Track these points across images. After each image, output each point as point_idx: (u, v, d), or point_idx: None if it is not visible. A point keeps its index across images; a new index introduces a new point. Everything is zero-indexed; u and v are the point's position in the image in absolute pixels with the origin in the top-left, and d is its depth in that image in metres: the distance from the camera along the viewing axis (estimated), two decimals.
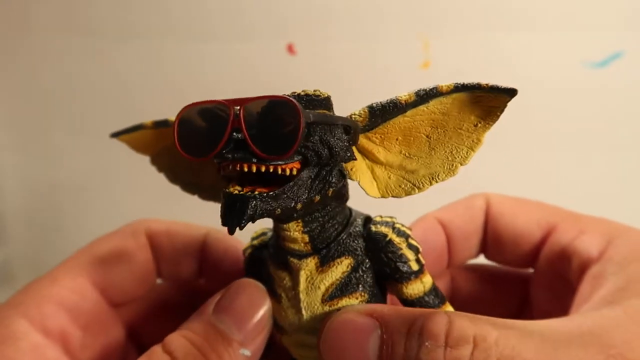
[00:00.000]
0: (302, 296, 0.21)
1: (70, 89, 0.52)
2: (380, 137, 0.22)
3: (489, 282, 0.30)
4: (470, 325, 0.18)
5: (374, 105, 0.22)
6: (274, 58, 0.49)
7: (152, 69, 0.51)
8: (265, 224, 0.23)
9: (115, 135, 0.25)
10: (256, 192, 0.18)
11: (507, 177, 0.51)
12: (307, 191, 0.19)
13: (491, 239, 0.28)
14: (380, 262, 0.22)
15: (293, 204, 0.19)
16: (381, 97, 0.54)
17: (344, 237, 0.22)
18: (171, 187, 0.57)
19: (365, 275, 0.22)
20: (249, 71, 0.50)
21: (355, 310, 0.21)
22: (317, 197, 0.20)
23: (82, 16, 0.50)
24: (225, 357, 0.20)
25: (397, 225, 0.22)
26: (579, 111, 0.49)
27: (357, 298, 0.21)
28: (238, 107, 0.18)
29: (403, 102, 0.22)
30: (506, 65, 0.49)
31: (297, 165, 0.19)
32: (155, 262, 0.27)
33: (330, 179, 0.20)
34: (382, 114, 0.22)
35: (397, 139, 0.22)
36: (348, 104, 0.53)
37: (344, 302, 0.21)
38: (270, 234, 0.24)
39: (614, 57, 0.48)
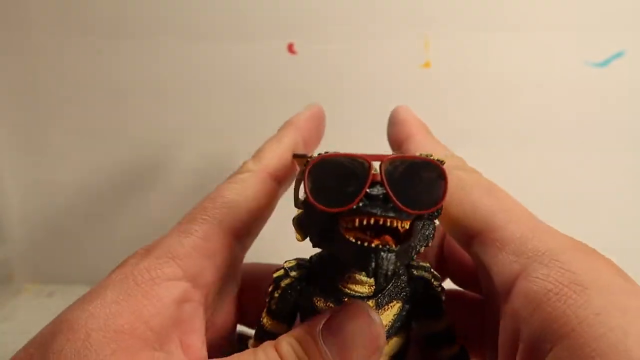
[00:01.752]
0: None
1: (70, 89, 0.52)
2: None
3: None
4: None
5: None
6: (274, 58, 0.49)
7: (152, 68, 0.51)
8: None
9: (296, 156, 0.28)
10: (393, 246, 0.19)
11: (507, 177, 0.51)
12: (419, 244, 0.21)
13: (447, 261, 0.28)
14: (423, 304, 0.24)
15: (410, 259, 0.21)
16: (381, 96, 0.54)
17: (395, 282, 0.23)
18: (170, 186, 0.58)
19: (408, 317, 0.24)
20: (249, 71, 0.50)
21: None
22: (422, 249, 0.22)
23: (83, 15, 0.50)
24: None
25: (432, 270, 0.24)
26: (580, 111, 0.49)
27: (401, 337, 0.24)
28: (378, 163, 0.19)
29: None
30: (507, 64, 0.48)
31: (409, 221, 0.20)
32: (278, 197, 0.27)
33: (431, 231, 0.22)
34: None
35: None
36: (348, 104, 0.53)
37: (393, 341, 0.23)
38: (300, 265, 0.24)
39: (616, 56, 0.47)
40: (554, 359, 0.18)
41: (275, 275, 0.24)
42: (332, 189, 0.19)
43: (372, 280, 0.22)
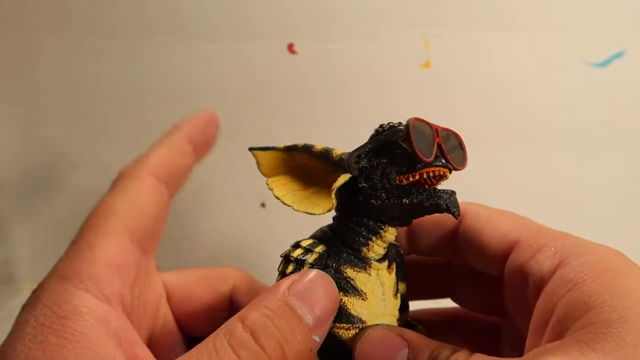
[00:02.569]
0: (386, 291, 0.26)
1: (70, 89, 0.52)
2: None
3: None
4: None
5: None
6: (274, 57, 0.49)
7: (153, 68, 0.51)
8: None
9: (252, 149, 0.27)
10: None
11: (507, 176, 0.51)
12: None
13: (464, 250, 0.29)
14: (401, 266, 0.27)
15: None
16: (381, 96, 0.54)
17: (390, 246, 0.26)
18: None
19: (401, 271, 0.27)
20: (249, 70, 0.50)
21: (387, 328, 0.24)
22: None
23: (83, 15, 0.50)
24: (301, 340, 0.21)
25: None
26: (579, 111, 0.49)
27: (403, 289, 0.28)
28: (437, 130, 0.24)
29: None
30: (507, 64, 0.48)
31: None
32: (166, 195, 0.28)
33: None
34: None
35: None
36: (348, 104, 0.53)
37: (398, 296, 0.27)
38: (317, 242, 0.26)
39: (616, 57, 0.47)
40: (584, 322, 0.20)
41: (295, 255, 0.25)
42: (426, 146, 0.24)
43: (385, 244, 0.25)
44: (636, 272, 0.22)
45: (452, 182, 0.27)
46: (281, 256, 0.26)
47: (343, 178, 0.24)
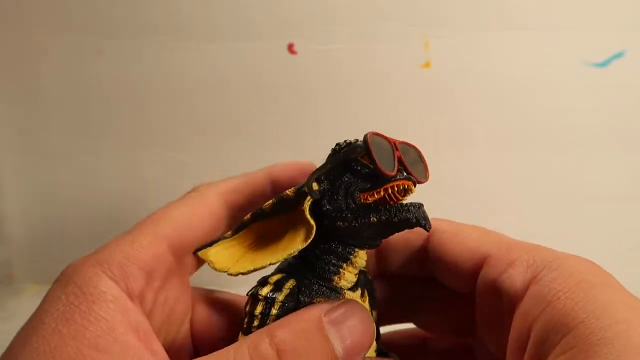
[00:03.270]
0: None
1: (71, 89, 0.52)
2: None
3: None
4: None
5: None
6: (274, 58, 0.49)
7: (153, 69, 0.51)
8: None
9: (197, 251, 0.27)
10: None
11: (506, 176, 0.51)
12: None
13: (434, 267, 0.28)
14: (371, 293, 0.27)
15: None
16: (381, 97, 0.54)
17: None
18: (170, 186, 0.57)
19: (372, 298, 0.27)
20: (249, 71, 0.50)
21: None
22: None
23: (83, 15, 0.50)
24: None
25: None
26: (579, 111, 0.49)
27: (375, 315, 0.26)
28: (395, 144, 0.23)
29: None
30: (508, 65, 0.48)
31: None
32: (228, 224, 0.28)
33: None
34: None
35: None
36: (348, 104, 0.53)
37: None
38: (287, 276, 0.24)
39: (616, 57, 0.48)
40: (563, 347, 0.19)
41: (263, 293, 0.23)
42: (386, 161, 0.22)
43: (356, 270, 0.24)
44: (610, 281, 0.21)
45: (451, 182, 0.26)
46: (247, 294, 0.24)
47: (307, 201, 0.23)
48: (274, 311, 0.23)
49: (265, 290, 0.23)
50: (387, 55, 0.49)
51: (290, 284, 0.23)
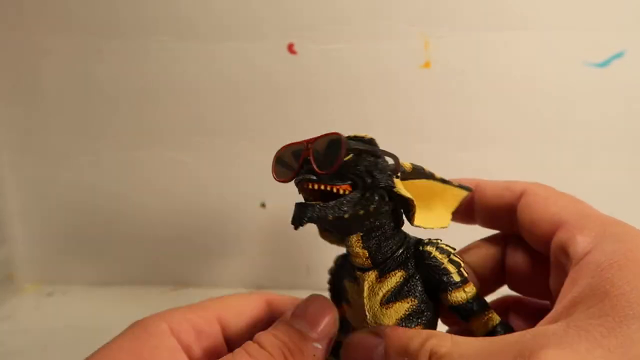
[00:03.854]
0: (365, 301, 0.27)
1: (70, 89, 0.52)
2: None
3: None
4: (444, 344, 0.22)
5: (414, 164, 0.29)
6: (274, 58, 0.49)
7: (153, 69, 0.51)
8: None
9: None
10: (315, 203, 0.25)
11: (506, 176, 0.51)
12: (352, 206, 0.25)
13: (519, 226, 0.30)
14: (427, 275, 0.27)
15: (341, 214, 0.25)
16: (382, 96, 0.54)
17: (397, 255, 0.27)
18: (170, 186, 0.58)
19: (415, 285, 0.27)
20: (248, 71, 0.50)
21: (367, 330, 0.27)
22: (361, 212, 0.25)
23: (83, 15, 0.50)
24: (304, 349, 0.26)
25: (441, 245, 0.28)
26: (579, 111, 0.49)
27: (408, 302, 0.27)
28: (309, 144, 0.25)
29: (426, 171, 0.29)
30: (507, 65, 0.48)
31: (348, 187, 0.25)
32: (267, 322, 0.32)
33: (373, 198, 0.26)
34: (414, 171, 0.28)
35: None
36: (348, 104, 0.53)
37: (397, 305, 0.27)
38: (340, 256, 0.31)
39: (615, 57, 0.48)
40: (598, 312, 0.20)
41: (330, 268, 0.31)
42: (286, 167, 0.26)
43: (365, 252, 0.27)
44: None
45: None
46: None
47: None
48: (328, 282, 0.32)
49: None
50: (387, 56, 0.49)
51: (338, 262, 0.31)
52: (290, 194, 0.27)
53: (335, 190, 0.25)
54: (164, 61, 0.51)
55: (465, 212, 0.32)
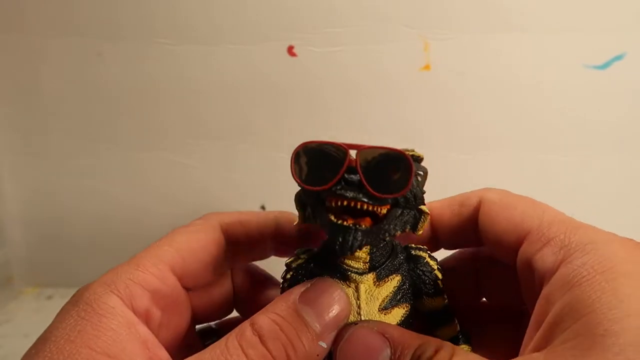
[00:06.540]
0: (363, 305, 0.25)
1: (70, 91, 0.52)
2: None
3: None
4: None
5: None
6: (274, 60, 0.49)
7: (153, 71, 0.51)
8: None
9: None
10: (363, 226, 0.23)
11: (506, 178, 0.51)
12: (394, 227, 0.24)
13: (483, 239, 0.28)
14: (419, 279, 0.27)
15: (384, 236, 0.24)
16: (382, 99, 0.54)
17: (393, 259, 0.26)
18: (169, 187, 0.57)
19: (408, 290, 0.27)
20: (249, 73, 0.50)
21: (370, 326, 0.24)
22: (399, 232, 0.25)
23: (83, 17, 0.50)
24: (306, 345, 0.23)
25: (428, 251, 0.28)
26: (579, 113, 0.49)
27: (403, 308, 0.26)
28: (355, 152, 0.22)
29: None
30: (507, 67, 0.48)
31: (388, 207, 0.23)
32: (228, 253, 0.30)
33: (409, 218, 0.25)
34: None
35: None
36: (348, 106, 0.53)
37: (395, 311, 0.26)
38: (308, 250, 0.27)
39: (615, 59, 0.48)
40: (571, 334, 0.19)
41: (287, 261, 0.27)
42: (315, 172, 0.23)
43: (367, 257, 0.25)
44: None
45: (450, 184, 0.26)
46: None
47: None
48: (288, 276, 0.27)
49: (288, 259, 0.27)
50: (386, 58, 0.49)
51: (305, 255, 0.27)
52: (290, 196, 0.27)
53: (377, 210, 0.23)
54: (164, 64, 0.51)
55: (428, 240, 0.30)
